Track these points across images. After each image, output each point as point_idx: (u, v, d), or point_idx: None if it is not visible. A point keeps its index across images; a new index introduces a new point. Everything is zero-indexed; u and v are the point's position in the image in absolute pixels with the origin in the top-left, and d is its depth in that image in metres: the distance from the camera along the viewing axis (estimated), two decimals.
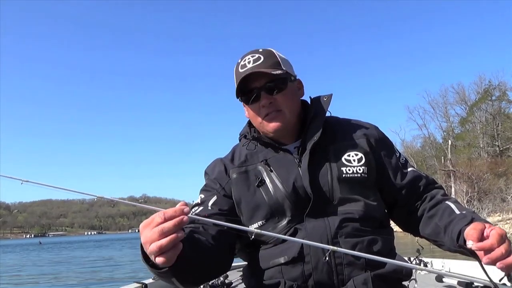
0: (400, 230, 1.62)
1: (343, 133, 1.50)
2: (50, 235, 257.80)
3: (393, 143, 1.59)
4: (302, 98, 1.58)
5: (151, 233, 1.01)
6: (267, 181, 1.43)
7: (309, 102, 1.58)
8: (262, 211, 1.41)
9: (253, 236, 1.33)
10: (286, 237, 1.17)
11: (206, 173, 1.58)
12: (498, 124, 43.88)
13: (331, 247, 1.05)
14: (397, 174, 1.49)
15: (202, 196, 1.49)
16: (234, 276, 3.69)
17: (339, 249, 1.09)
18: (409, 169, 1.51)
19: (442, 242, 1.38)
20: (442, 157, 41.71)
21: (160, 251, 1.01)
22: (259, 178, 1.44)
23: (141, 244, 1.09)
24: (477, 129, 45.04)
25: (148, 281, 3.39)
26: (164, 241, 1.00)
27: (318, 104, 1.53)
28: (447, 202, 1.42)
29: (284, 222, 1.39)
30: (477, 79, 48.45)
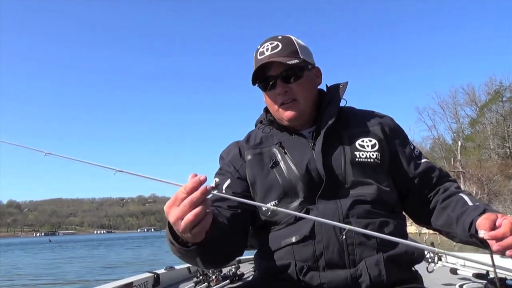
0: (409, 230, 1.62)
1: (357, 120, 1.52)
2: (60, 234, 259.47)
3: (408, 136, 1.59)
4: (320, 86, 1.59)
5: (181, 208, 1.03)
6: (281, 162, 1.45)
7: (325, 90, 1.59)
8: (275, 192, 1.43)
9: (269, 212, 1.35)
10: (301, 214, 1.15)
11: (221, 157, 1.60)
12: (509, 125, 43.46)
13: (348, 226, 1.03)
14: (411, 163, 1.50)
15: (217, 180, 1.51)
16: (245, 267, 3.73)
17: (356, 228, 1.05)
18: (422, 160, 1.52)
19: (454, 234, 1.38)
20: (452, 159, 41.32)
21: (195, 222, 1.04)
22: (273, 160, 1.47)
23: (168, 225, 1.13)
24: (487, 130, 44.64)
25: (160, 271, 3.45)
26: (196, 210, 1.03)
27: (334, 91, 1.55)
28: (460, 194, 1.43)
29: (297, 203, 1.40)
30: (488, 80, 48.14)
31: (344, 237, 1.28)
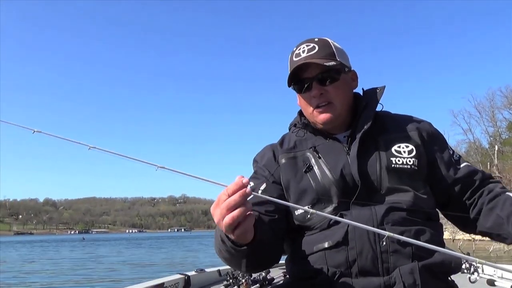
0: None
1: (394, 125, 1.49)
2: (93, 232, 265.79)
3: (447, 140, 1.54)
4: (355, 90, 1.56)
5: (220, 210, 1.05)
6: (315, 167, 1.43)
7: (361, 93, 1.56)
8: (309, 197, 1.41)
9: (308, 215, 1.31)
10: (341, 219, 1.08)
11: (255, 160, 1.59)
12: None
13: (386, 232, 0.96)
14: (450, 169, 1.45)
15: (252, 184, 1.49)
16: (275, 272, 3.74)
17: (395, 235, 0.96)
18: (462, 165, 1.47)
19: (505, 235, 1.32)
20: (488, 163, 40.12)
21: (233, 225, 1.05)
22: (307, 164, 1.44)
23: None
24: None
25: (191, 273, 3.51)
26: (234, 213, 1.03)
27: (370, 95, 1.52)
28: (507, 193, 1.37)
29: (330, 208, 1.37)
30: None
31: (384, 243, 1.24)
